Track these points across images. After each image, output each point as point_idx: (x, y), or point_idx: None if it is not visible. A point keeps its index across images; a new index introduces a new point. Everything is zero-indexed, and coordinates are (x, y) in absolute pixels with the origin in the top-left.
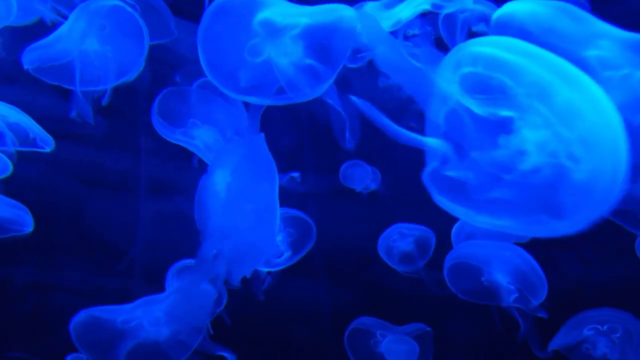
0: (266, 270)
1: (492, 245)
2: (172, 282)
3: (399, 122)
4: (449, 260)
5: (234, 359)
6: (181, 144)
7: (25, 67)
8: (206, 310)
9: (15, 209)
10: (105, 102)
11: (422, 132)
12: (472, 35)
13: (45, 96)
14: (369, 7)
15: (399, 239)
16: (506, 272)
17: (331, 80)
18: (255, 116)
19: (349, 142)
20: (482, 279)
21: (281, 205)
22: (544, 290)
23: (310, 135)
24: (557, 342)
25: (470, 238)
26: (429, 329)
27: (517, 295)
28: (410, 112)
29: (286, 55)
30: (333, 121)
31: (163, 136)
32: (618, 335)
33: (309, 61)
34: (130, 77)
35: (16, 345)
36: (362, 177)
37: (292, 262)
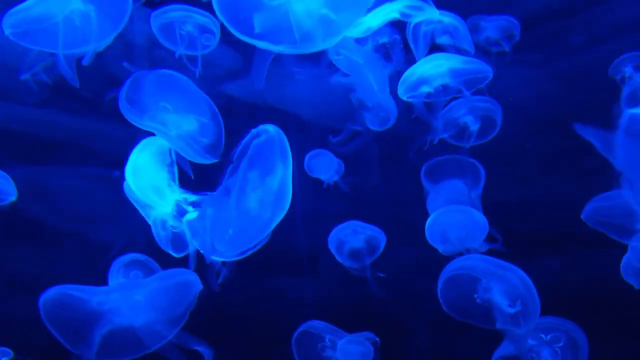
0: (221, 260)
1: (498, 264)
2: (118, 276)
3: (346, 120)
4: (449, 270)
5: (210, 354)
6: (152, 131)
7: (7, 32)
8: (187, 301)
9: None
10: (86, 62)
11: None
12: (435, 46)
13: None
14: None
15: (351, 235)
16: (506, 293)
17: (342, 35)
18: (263, 64)
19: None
20: (476, 296)
21: None
22: (537, 317)
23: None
24: (502, 350)
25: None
26: (377, 338)
27: (512, 319)
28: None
29: (303, 2)
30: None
31: (132, 122)
32: (561, 344)
33: (324, 11)
34: (113, 35)
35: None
36: (327, 167)
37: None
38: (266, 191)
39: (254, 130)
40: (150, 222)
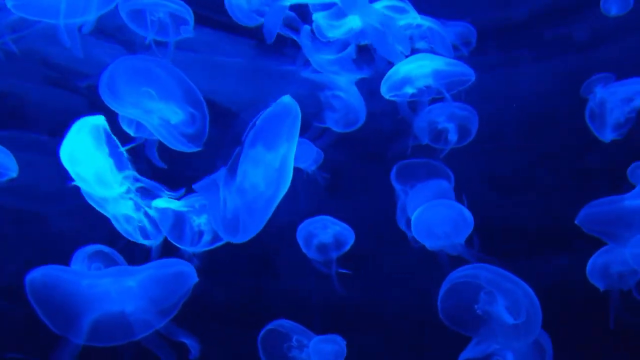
0: (191, 251)
1: (506, 276)
2: (82, 266)
3: (314, 115)
4: (455, 277)
5: (196, 348)
6: (135, 119)
7: (9, 5)
8: (181, 292)
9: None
10: (86, 31)
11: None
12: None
13: None
14: (317, 16)
15: (321, 229)
16: (510, 306)
17: None
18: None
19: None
20: (476, 306)
21: None
22: (536, 333)
23: None
24: (467, 354)
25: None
26: (343, 341)
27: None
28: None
29: None
30: None
31: (113, 109)
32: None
33: None
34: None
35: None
36: (305, 156)
37: (214, 245)
38: (268, 166)
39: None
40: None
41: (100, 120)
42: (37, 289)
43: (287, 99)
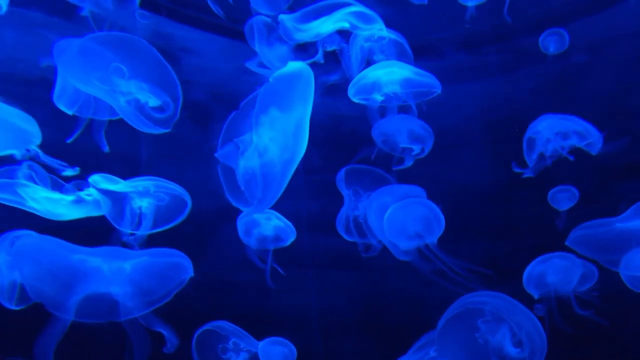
0: (129, 232)
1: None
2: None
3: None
4: (464, 303)
5: (174, 342)
6: (98, 95)
7: None
8: (174, 283)
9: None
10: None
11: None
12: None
13: None
14: (284, 18)
15: (265, 220)
16: (516, 336)
17: None
18: None
19: None
20: (477, 334)
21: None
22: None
23: None
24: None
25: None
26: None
27: None
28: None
29: None
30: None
31: (78, 83)
32: None
33: None
34: None
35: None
36: None
37: (155, 230)
38: (284, 129)
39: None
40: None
41: None
42: (26, 256)
43: (297, 63)
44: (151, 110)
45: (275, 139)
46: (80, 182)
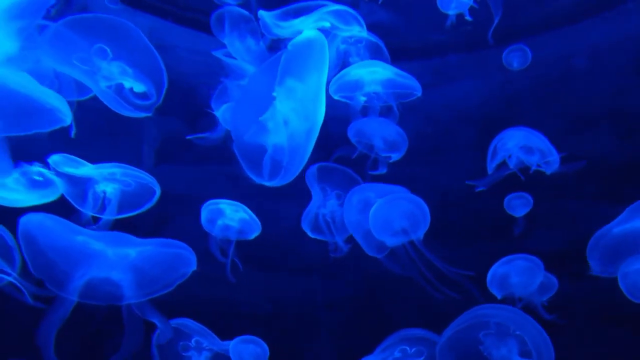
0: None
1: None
2: None
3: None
4: (474, 315)
5: (166, 334)
6: (77, 77)
7: None
8: (176, 275)
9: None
10: None
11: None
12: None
13: None
14: (263, 14)
15: (231, 211)
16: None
17: None
18: None
19: None
20: (481, 347)
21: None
22: None
23: None
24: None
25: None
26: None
27: None
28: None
29: None
30: None
31: (57, 64)
32: (422, 359)
33: None
34: None
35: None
36: None
37: (120, 216)
38: (303, 97)
39: None
40: None
41: None
42: (31, 235)
43: (309, 32)
44: (133, 95)
45: (296, 109)
46: (41, 165)
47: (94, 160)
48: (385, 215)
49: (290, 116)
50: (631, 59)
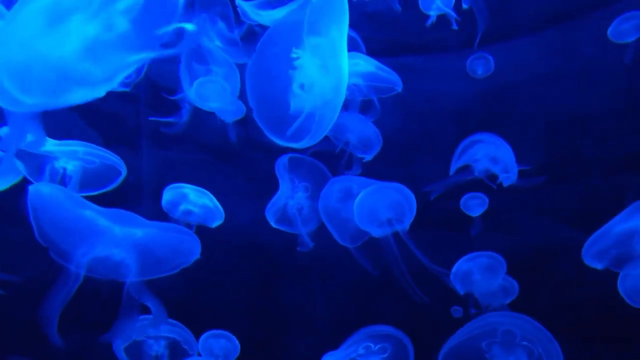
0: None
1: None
2: None
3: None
4: (485, 323)
5: (160, 318)
6: None
7: None
8: (178, 261)
9: None
10: None
11: None
12: None
13: None
14: (241, 3)
15: (196, 197)
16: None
17: None
18: None
19: None
20: (487, 355)
21: None
22: None
23: None
24: (334, 357)
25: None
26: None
27: None
28: None
29: None
30: None
31: None
32: (386, 355)
33: None
34: None
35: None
36: (218, 94)
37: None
38: (325, 53)
39: None
40: None
41: None
42: (41, 204)
43: None
44: None
45: (324, 66)
46: None
47: None
48: (371, 206)
49: (318, 75)
50: (594, 66)
